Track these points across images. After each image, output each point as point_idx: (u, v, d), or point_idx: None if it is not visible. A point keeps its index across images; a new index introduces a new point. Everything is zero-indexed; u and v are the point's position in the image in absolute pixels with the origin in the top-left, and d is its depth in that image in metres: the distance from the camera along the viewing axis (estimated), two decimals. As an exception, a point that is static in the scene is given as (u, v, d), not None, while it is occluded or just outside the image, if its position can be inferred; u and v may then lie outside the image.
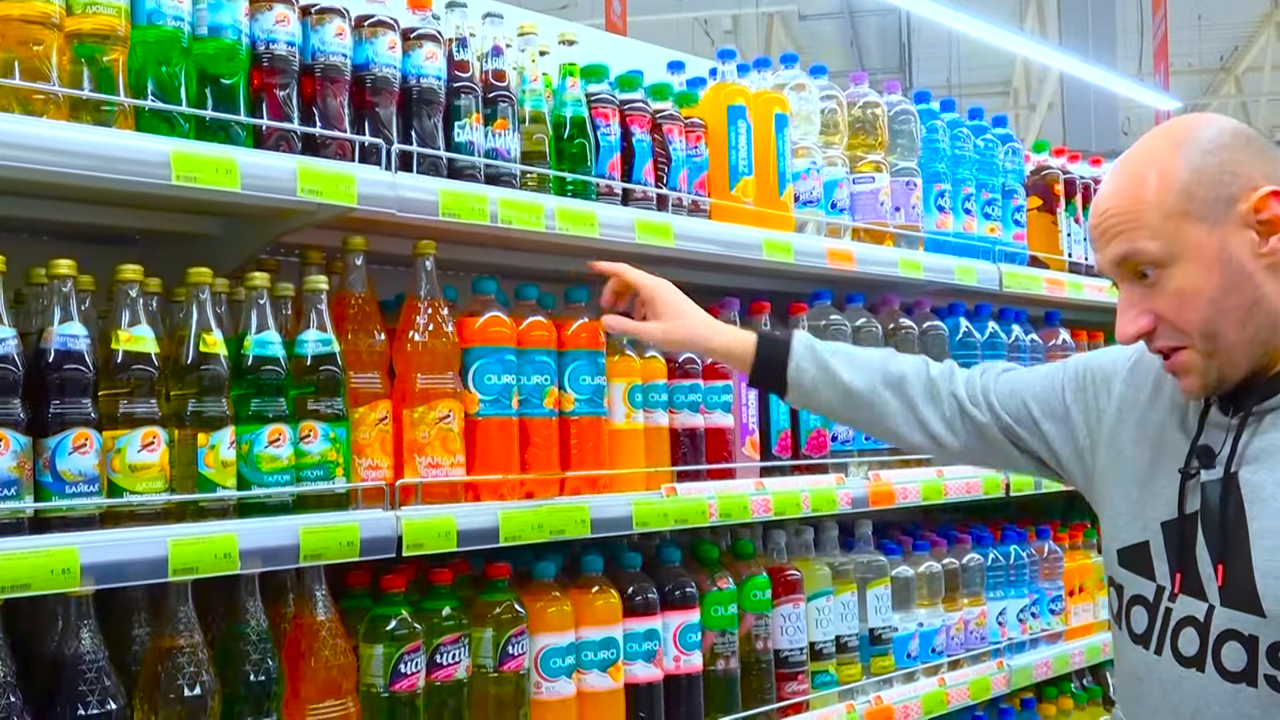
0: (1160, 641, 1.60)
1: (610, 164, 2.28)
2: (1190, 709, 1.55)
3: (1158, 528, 1.63)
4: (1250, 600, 1.49)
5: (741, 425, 2.49)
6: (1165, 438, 1.66)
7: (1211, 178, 1.51)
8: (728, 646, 2.41)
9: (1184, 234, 1.51)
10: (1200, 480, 1.58)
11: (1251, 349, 1.53)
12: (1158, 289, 1.53)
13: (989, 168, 3.16)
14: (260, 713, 1.74)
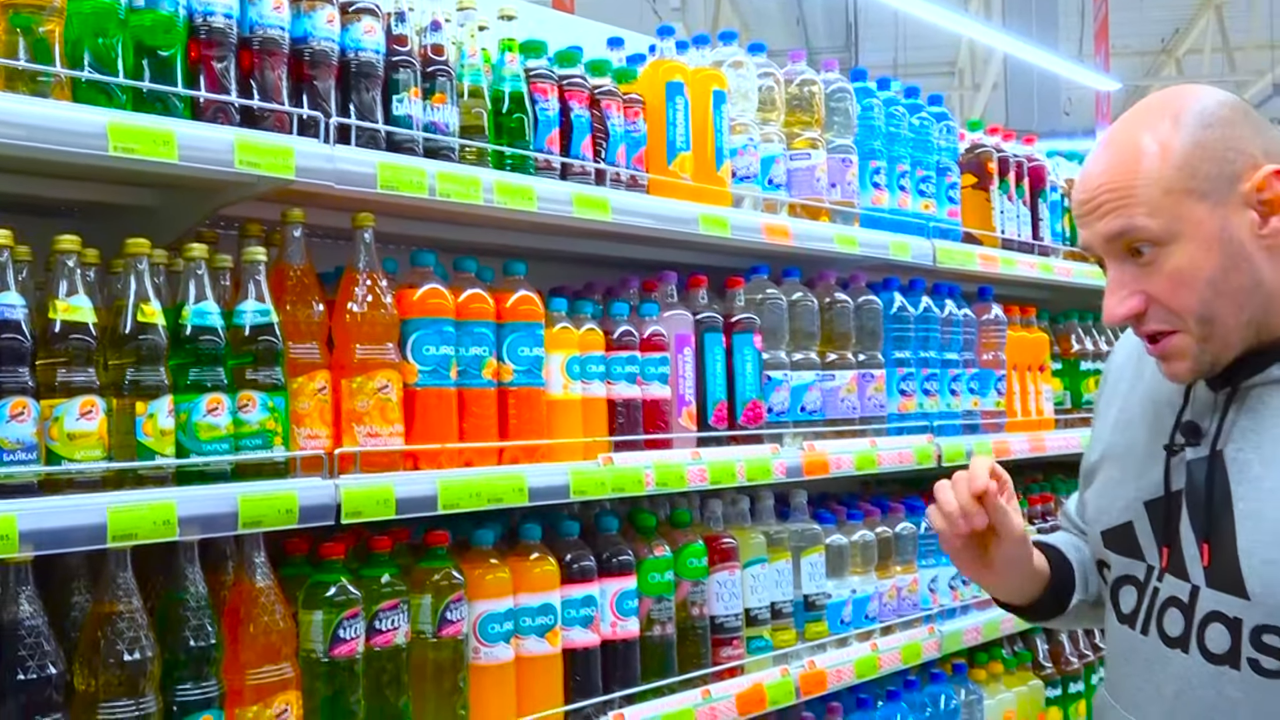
0: (1147, 621, 1.59)
1: (549, 139, 2.31)
2: (1173, 689, 1.54)
3: (1141, 508, 1.61)
4: (1235, 582, 1.47)
5: (678, 397, 2.53)
6: (1149, 416, 1.65)
7: (1215, 153, 1.46)
8: (664, 612, 2.46)
9: (1185, 211, 1.46)
10: (1186, 458, 1.56)
11: (1246, 332, 1.49)
12: (1152, 269, 1.48)
13: (924, 145, 3.22)
14: (200, 677, 1.77)
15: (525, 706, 2.20)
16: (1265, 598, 1.43)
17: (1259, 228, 1.46)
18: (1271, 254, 1.47)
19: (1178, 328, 1.49)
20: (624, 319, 2.46)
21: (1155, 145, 1.46)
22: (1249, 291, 1.47)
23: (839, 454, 2.80)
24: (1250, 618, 1.45)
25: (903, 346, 3.09)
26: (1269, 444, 1.48)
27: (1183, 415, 1.58)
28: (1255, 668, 1.45)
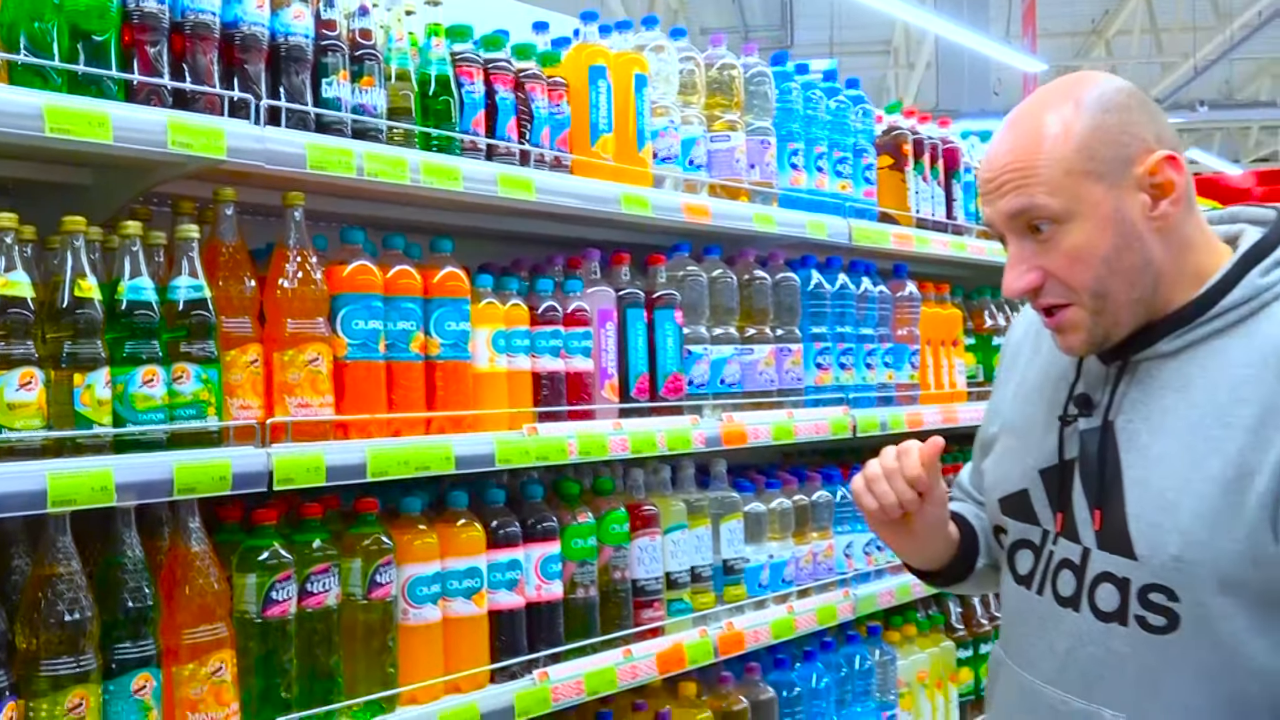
0: (1042, 583, 1.68)
1: (474, 120, 2.39)
2: (1065, 646, 1.64)
3: (1036, 475, 1.70)
4: (1124, 544, 1.56)
5: (601, 370, 2.64)
6: (1046, 389, 1.74)
7: (1112, 137, 1.54)
8: (587, 576, 2.56)
9: (1083, 192, 1.53)
10: (1079, 428, 1.65)
11: (1136, 308, 1.58)
12: (1050, 245, 1.56)
13: (841, 128, 3.33)
14: (137, 636, 1.84)
15: (452, 665, 2.30)
16: (1151, 558, 1.53)
17: (1150, 210, 1.55)
18: (1161, 235, 1.56)
19: (1073, 302, 1.58)
20: (549, 295, 2.56)
21: (1057, 127, 1.54)
22: (1140, 270, 1.56)
23: (757, 425, 2.92)
24: (1138, 577, 1.55)
25: (819, 322, 3.22)
26: (1156, 414, 1.58)
27: (1076, 387, 1.68)
28: (1142, 624, 1.56)
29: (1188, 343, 1.58)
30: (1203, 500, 1.51)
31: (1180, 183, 1.55)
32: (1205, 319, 1.58)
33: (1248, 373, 1.53)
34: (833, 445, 3.57)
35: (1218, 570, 1.50)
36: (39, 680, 1.74)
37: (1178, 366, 1.59)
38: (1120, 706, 1.58)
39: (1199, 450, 1.53)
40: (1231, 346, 1.56)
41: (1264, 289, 1.57)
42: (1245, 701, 1.53)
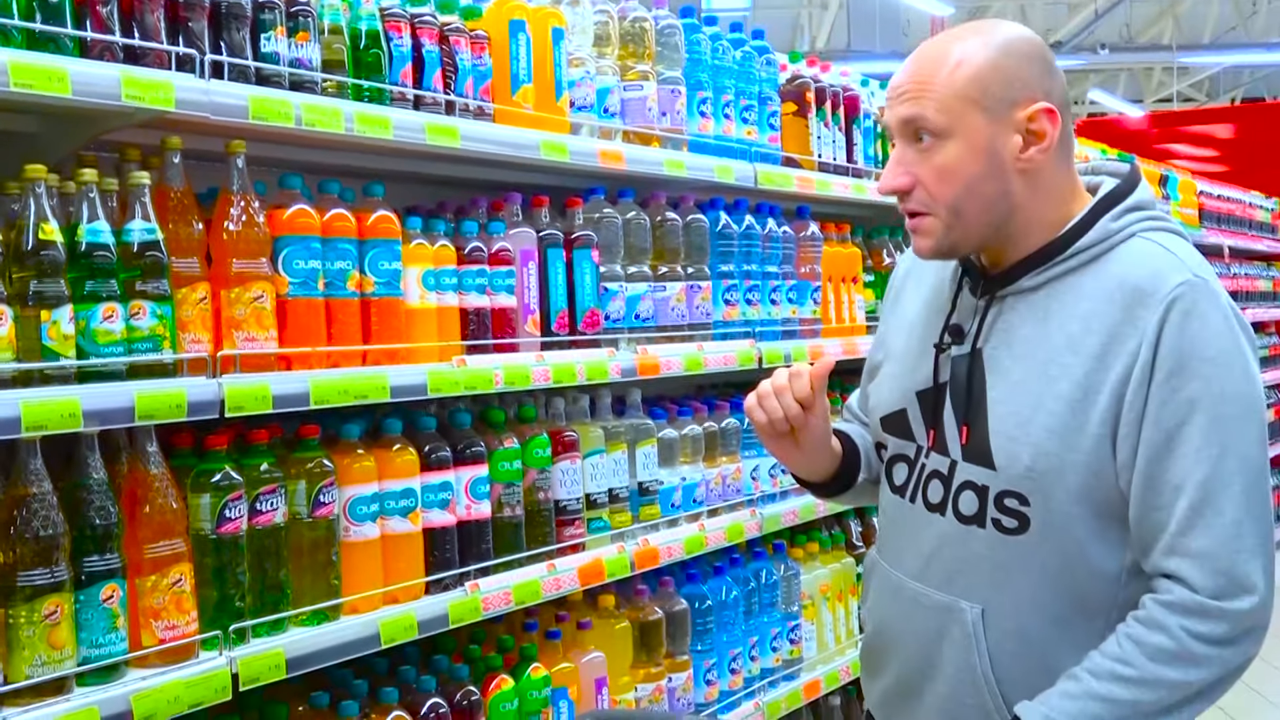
0: (914, 491, 1.90)
1: (403, 73, 2.55)
2: (930, 547, 1.86)
3: (914, 397, 1.90)
4: (985, 457, 1.77)
5: (524, 306, 2.83)
6: (924, 320, 1.94)
7: (1004, 78, 1.72)
8: (513, 497, 2.77)
9: (965, 117, 1.71)
10: (951, 354, 1.85)
11: (985, 231, 1.77)
12: (926, 156, 1.74)
13: (747, 77, 3.53)
14: (104, 550, 2.01)
15: (391, 578, 2.50)
16: (1008, 468, 1.75)
17: (1020, 151, 1.74)
18: (1024, 176, 1.76)
19: (932, 211, 1.76)
20: (474, 236, 2.74)
21: (959, 56, 1.74)
22: (995, 199, 1.75)
23: (669, 357, 3.14)
24: (995, 485, 1.77)
25: (727, 260, 3.43)
26: (1017, 343, 1.79)
27: (950, 318, 1.88)
28: (997, 526, 1.78)
29: (1047, 279, 1.79)
30: (1053, 417, 1.72)
31: (1052, 134, 1.74)
32: (1062, 258, 1.78)
33: (1096, 306, 1.74)
34: (740, 376, 3.79)
35: (1064, 480, 1.72)
36: (17, 591, 1.91)
37: (1037, 300, 1.79)
38: (976, 599, 1.80)
39: (1052, 374, 1.74)
40: (1084, 283, 1.76)
41: (1114, 232, 1.78)
42: (1085, 598, 1.77)
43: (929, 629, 1.86)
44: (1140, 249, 1.77)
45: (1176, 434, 1.67)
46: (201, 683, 2.11)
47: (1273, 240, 9.31)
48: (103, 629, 2.01)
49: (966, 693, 1.82)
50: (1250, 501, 1.67)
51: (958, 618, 1.81)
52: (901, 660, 1.94)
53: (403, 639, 2.46)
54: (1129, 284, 1.73)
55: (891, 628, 1.96)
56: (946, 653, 1.84)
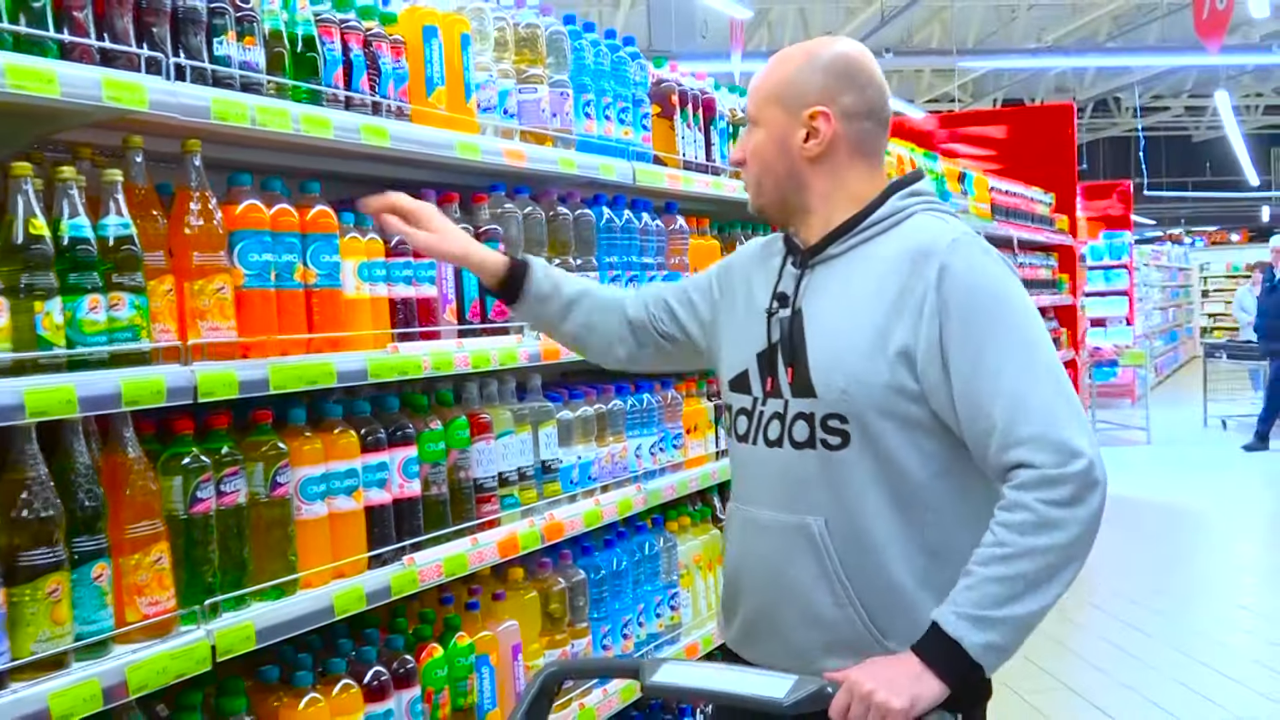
0: (755, 435, 2.24)
1: (335, 75, 2.69)
2: (775, 478, 2.20)
3: (753, 357, 2.27)
4: (809, 389, 2.14)
5: (443, 296, 3.00)
6: (758, 292, 2.32)
7: (804, 85, 2.18)
8: (439, 476, 2.94)
9: (771, 112, 2.20)
10: (779, 316, 2.22)
11: (780, 199, 2.24)
12: (750, 138, 2.24)
13: (623, 80, 3.77)
14: (93, 531, 2.10)
15: (339, 553, 2.64)
16: (827, 394, 2.12)
17: (803, 142, 2.19)
18: (811, 163, 2.20)
19: (750, 179, 2.28)
20: (398, 230, 2.89)
21: (780, 65, 2.22)
22: (784, 177, 2.22)
23: (567, 342, 3.34)
24: (819, 410, 2.13)
25: (611, 252, 3.67)
26: (828, 299, 2.18)
27: (778, 288, 2.27)
28: (825, 445, 2.13)
29: (849, 247, 2.20)
30: (858, 350, 2.10)
31: (825, 132, 2.17)
32: (859, 229, 2.19)
33: (889, 265, 2.12)
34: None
35: (872, 399, 2.09)
36: (21, 570, 2.00)
37: (841, 265, 2.19)
38: (817, 512, 2.14)
39: (856, 319, 2.12)
40: (878, 249, 2.16)
41: (902, 208, 2.20)
42: (902, 500, 2.12)
43: (783, 549, 2.18)
44: (922, 221, 2.18)
45: (979, 357, 2.02)
46: (184, 654, 2.22)
47: (1051, 232, 10.13)
48: (94, 606, 2.11)
49: (824, 598, 2.15)
50: (1055, 386, 2.02)
51: (805, 532, 2.15)
52: (761, 587, 2.25)
53: (354, 610, 2.61)
54: (914, 246, 2.11)
55: (749, 559, 2.27)
56: (801, 565, 2.16)
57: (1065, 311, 10.64)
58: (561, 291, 2.59)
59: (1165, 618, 7.11)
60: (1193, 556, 9.03)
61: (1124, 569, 8.37)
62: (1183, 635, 6.75)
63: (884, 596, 2.12)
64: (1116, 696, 5.79)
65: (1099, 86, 26.53)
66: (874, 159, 2.25)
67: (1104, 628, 6.95)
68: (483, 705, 3.05)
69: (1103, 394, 15.77)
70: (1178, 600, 7.55)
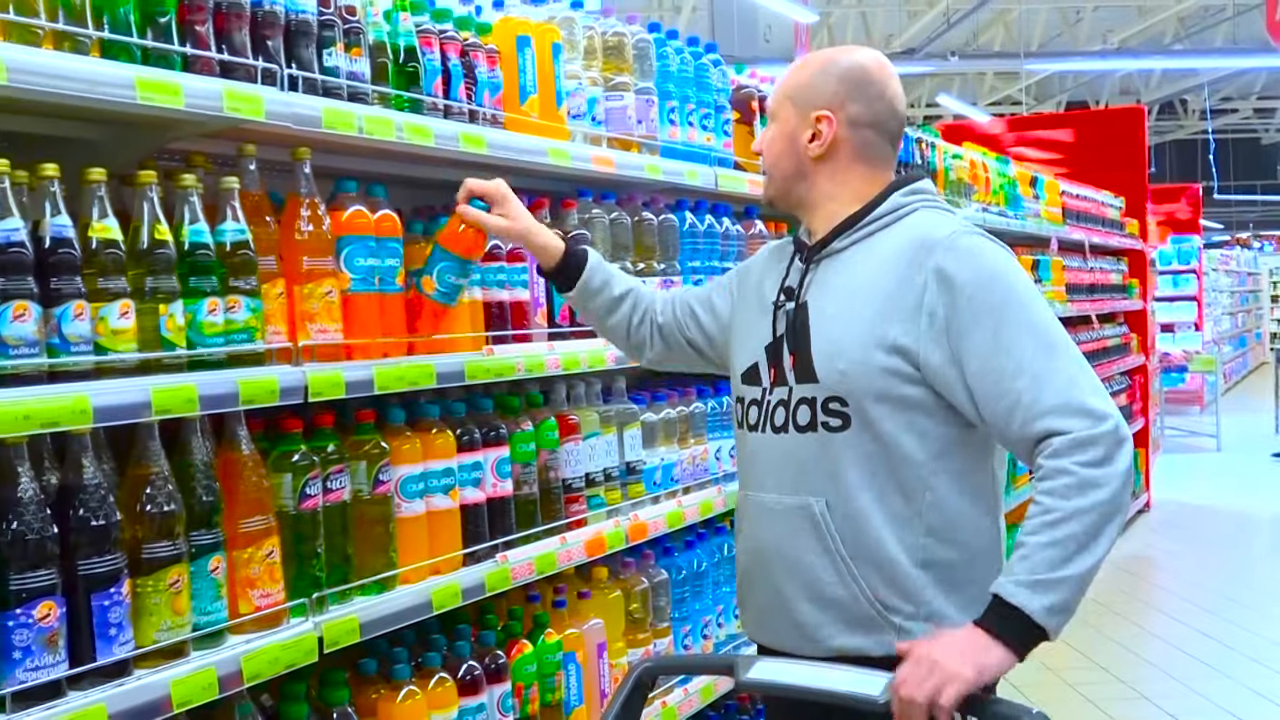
0: (763, 423, 2.33)
1: (434, 85, 2.77)
2: (780, 463, 2.28)
3: (761, 350, 2.36)
4: (811, 374, 2.23)
5: (534, 299, 3.07)
6: (766, 289, 2.42)
7: (819, 88, 2.30)
8: (529, 475, 3.01)
9: (786, 110, 2.33)
10: (786, 309, 2.32)
11: (787, 196, 2.37)
12: (766, 131, 2.38)
13: (705, 87, 3.82)
14: (210, 525, 2.18)
15: (436, 550, 2.71)
16: (828, 378, 2.21)
17: (810, 142, 2.31)
18: (817, 161, 2.32)
19: (764, 169, 2.42)
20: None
21: (802, 70, 2.35)
22: (792, 172, 2.35)
23: (652, 345, 3.39)
24: (820, 394, 2.22)
25: (694, 257, 3.72)
26: (830, 290, 2.27)
27: (785, 282, 2.36)
28: (826, 428, 2.22)
29: (852, 241, 2.29)
30: (857, 337, 2.19)
31: (826, 135, 2.29)
32: (862, 225, 2.29)
33: (890, 256, 2.22)
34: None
35: (870, 383, 2.17)
36: (145, 562, 2.08)
37: (845, 258, 2.29)
38: (819, 494, 2.23)
39: (856, 307, 2.21)
40: (879, 243, 2.26)
41: (902, 205, 2.29)
42: (900, 481, 2.20)
43: (788, 531, 2.26)
44: (923, 216, 2.28)
45: (994, 337, 2.10)
46: (294, 645, 2.30)
47: (1122, 236, 10.04)
48: (210, 597, 2.19)
49: (829, 576, 2.23)
50: (1070, 357, 2.11)
51: (807, 513, 2.23)
52: (770, 570, 2.32)
53: (450, 605, 2.68)
54: (914, 238, 2.21)
55: (759, 544, 2.35)
56: (805, 545, 2.24)
57: (1135, 316, 10.54)
58: (611, 288, 2.68)
59: (1240, 627, 7.03)
60: (1266, 565, 8.91)
61: (1197, 578, 8.29)
62: (1258, 644, 6.68)
63: (884, 573, 2.20)
64: (1191, 704, 5.75)
65: (1165, 89, 26.24)
66: (876, 165, 2.34)
67: (1178, 637, 6.89)
68: (569, 702, 3.11)
69: (1171, 400, 15.59)
70: (1252, 609, 7.46)
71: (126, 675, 2.03)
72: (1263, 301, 28.33)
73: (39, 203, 2.01)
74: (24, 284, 1.91)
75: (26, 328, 1.91)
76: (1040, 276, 7.49)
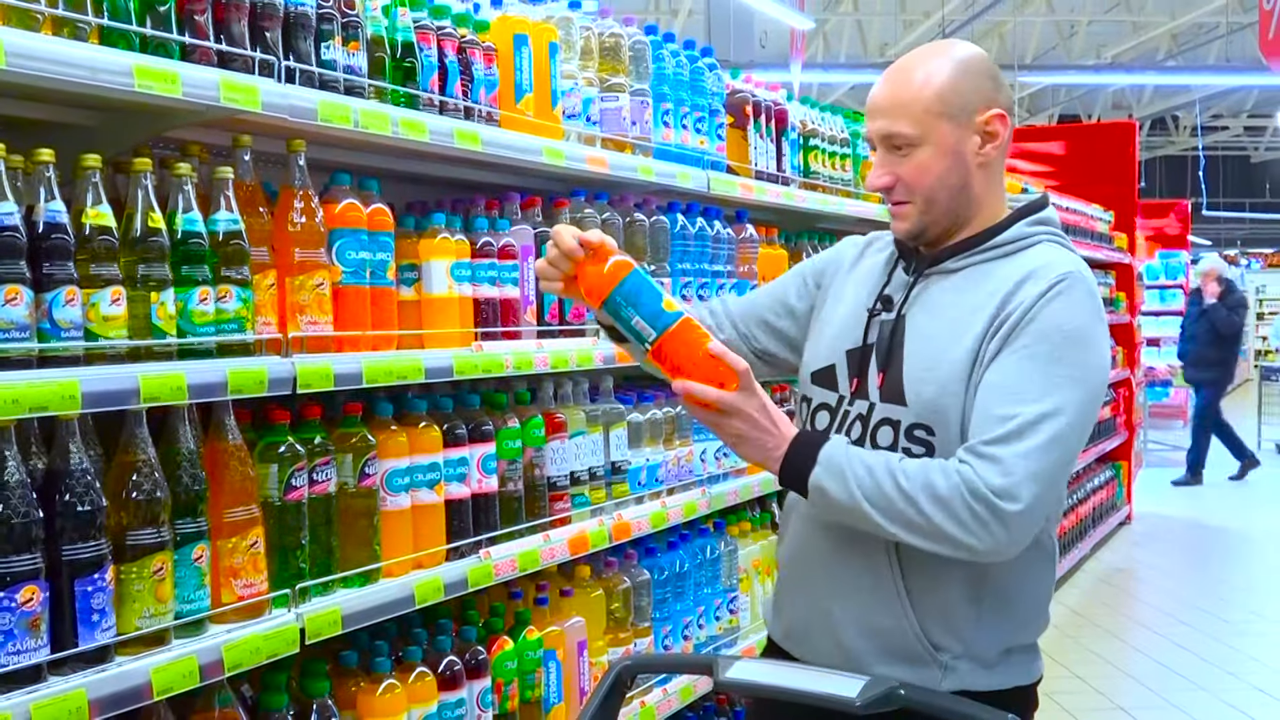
0: (835, 432, 2.18)
1: (431, 81, 2.77)
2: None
3: (843, 354, 2.22)
4: (899, 395, 2.10)
5: (524, 297, 3.08)
6: (860, 292, 2.26)
7: (964, 91, 2.08)
8: (515, 472, 3.02)
9: (934, 126, 2.07)
10: (880, 319, 2.18)
11: (950, 217, 2.13)
12: (905, 159, 2.09)
13: (700, 91, 3.83)
14: (195, 514, 2.19)
15: (420, 544, 2.72)
16: (915, 404, 2.08)
17: (979, 149, 2.11)
18: (981, 170, 2.13)
19: (911, 200, 2.12)
20: (484, 232, 2.97)
21: (924, 76, 2.09)
22: (959, 189, 2.12)
23: (641, 346, 3.41)
24: (906, 419, 2.09)
25: (684, 259, 3.73)
26: (934, 308, 2.13)
27: (884, 290, 2.22)
28: (907, 454, 2.07)
29: (967, 264, 2.14)
30: (953, 364, 2.06)
31: (1003, 134, 2.13)
32: (982, 249, 2.14)
33: (1001, 285, 2.08)
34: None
35: (959, 412, 2.05)
36: (129, 549, 2.08)
37: (956, 279, 2.15)
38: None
39: (957, 332, 2.08)
40: (996, 270, 2.12)
41: (1027, 235, 2.15)
42: None
43: (846, 552, 2.15)
44: (1045, 251, 2.13)
45: (1027, 372, 1.99)
46: (276, 636, 2.31)
47: (1110, 250, 10.08)
48: (193, 586, 2.20)
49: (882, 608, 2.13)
50: (1059, 453, 1.97)
51: (874, 539, 2.08)
52: (818, 585, 2.22)
53: (433, 600, 2.69)
54: (1027, 269, 2.08)
55: (808, 555, 2.25)
56: (861, 569, 2.14)
57: (1122, 330, 10.56)
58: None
59: (1217, 640, 7.07)
60: (1245, 579, 8.95)
61: (1176, 591, 8.32)
62: (1235, 658, 6.71)
63: (939, 614, 2.12)
64: (1167, 716, 5.78)
65: (1157, 104, 26.33)
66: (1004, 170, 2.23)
67: (1157, 649, 6.92)
68: (549, 699, 3.11)
69: (1155, 414, 15.64)
70: (1229, 623, 7.49)
71: (108, 661, 2.03)
72: (1249, 319, 28.45)
73: (34, 187, 2.02)
74: (16, 268, 1.92)
75: (18, 311, 1.91)
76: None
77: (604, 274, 2.08)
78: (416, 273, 2.79)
